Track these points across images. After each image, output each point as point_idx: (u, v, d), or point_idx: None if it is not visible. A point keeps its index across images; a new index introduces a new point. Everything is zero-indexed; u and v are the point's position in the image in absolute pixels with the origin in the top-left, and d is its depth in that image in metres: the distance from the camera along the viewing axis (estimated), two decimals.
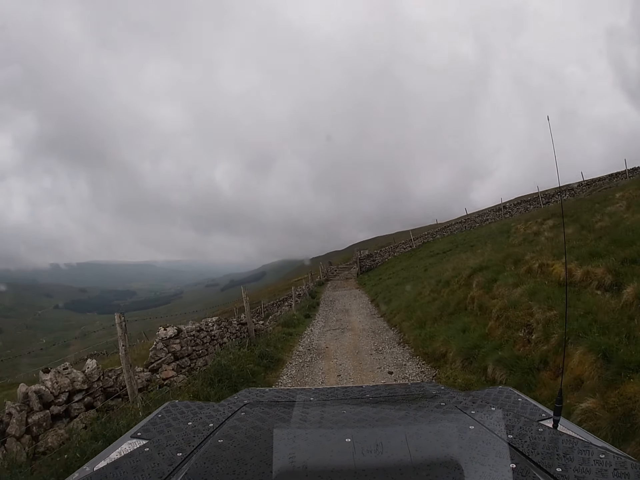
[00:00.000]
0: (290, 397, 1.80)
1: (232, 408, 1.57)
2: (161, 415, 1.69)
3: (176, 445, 1.18)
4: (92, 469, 1.21)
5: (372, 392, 1.85)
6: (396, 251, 36.34)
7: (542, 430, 1.20)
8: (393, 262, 33.49)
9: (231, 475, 0.96)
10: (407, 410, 1.50)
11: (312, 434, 1.25)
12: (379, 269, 34.09)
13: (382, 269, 32.69)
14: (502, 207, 33.61)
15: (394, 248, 36.50)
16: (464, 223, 35.20)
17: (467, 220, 35.19)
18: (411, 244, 36.11)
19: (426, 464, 0.98)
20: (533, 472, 0.94)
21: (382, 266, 34.59)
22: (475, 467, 0.95)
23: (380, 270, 32.72)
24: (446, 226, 36.12)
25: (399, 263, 31.48)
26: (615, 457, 1.02)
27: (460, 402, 1.51)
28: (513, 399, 1.73)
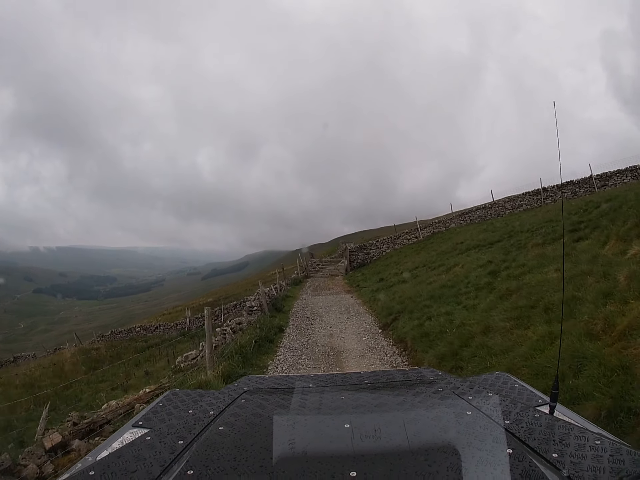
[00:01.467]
0: (289, 384, 1.84)
1: (232, 395, 1.55)
2: (162, 404, 1.67)
3: (177, 434, 1.16)
4: (94, 458, 1.19)
5: (370, 378, 1.86)
6: (397, 242, 27.49)
7: (539, 416, 1.19)
8: (395, 256, 24.63)
9: (232, 461, 0.96)
10: (405, 396, 1.49)
11: (312, 420, 1.25)
12: (375, 264, 25.15)
13: (381, 265, 23.74)
14: (541, 191, 24.91)
15: (394, 239, 27.59)
16: (488, 209, 26.55)
17: (493, 206, 26.48)
18: (417, 235, 27.30)
19: (424, 449, 0.98)
20: (529, 458, 0.93)
21: (379, 261, 25.66)
22: (473, 452, 0.94)
23: (378, 266, 23.76)
24: (463, 213, 27.37)
25: (405, 258, 22.49)
26: (611, 443, 1.00)
27: (458, 388, 1.49)
28: (510, 384, 1.71)
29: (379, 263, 24.82)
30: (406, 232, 27.67)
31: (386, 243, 27.39)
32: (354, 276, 23.48)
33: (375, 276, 20.49)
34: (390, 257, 24.86)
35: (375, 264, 25.13)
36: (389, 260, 24.04)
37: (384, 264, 23.58)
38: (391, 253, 26.27)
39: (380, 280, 18.97)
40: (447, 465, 0.90)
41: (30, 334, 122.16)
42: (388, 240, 27.48)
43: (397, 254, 25.17)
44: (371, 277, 21.18)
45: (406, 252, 24.68)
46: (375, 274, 21.32)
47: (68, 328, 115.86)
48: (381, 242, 27.46)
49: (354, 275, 24.08)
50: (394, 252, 25.99)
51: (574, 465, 0.91)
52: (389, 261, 23.78)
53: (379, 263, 24.82)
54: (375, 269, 23.03)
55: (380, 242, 27.50)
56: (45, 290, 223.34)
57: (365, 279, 20.73)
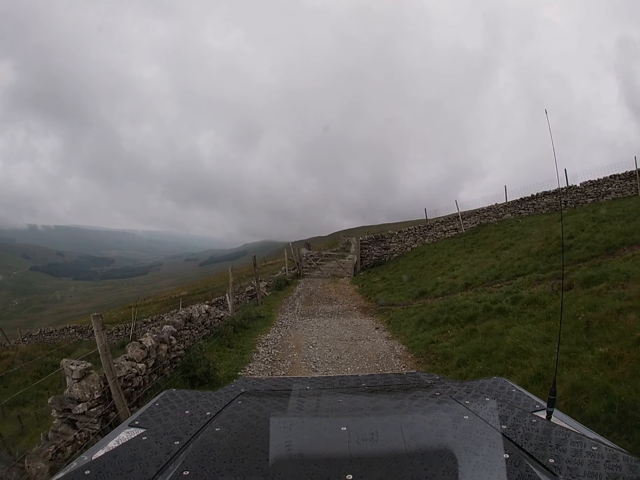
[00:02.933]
0: (286, 386, 1.82)
1: (229, 397, 1.52)
2: (158, 404, 1.63)
3: (173, 434, 1.14)
4: (90, 458, 1.16)
5: (367, 382, 1.82)
6: (428, 235, 19.31)
7: (536, 422, 1.16)
8: (429, 253, 16.43)
9: (228, 463, 0.94)
10: (403, 400, 1.47)
11: (308, 423, 1.24)
12: (398, 264, 17.00)
13: (410, 265, 15.52)
14: (636, 174, 16.76)
15: (424, 230, 19.37)
16: (563, 196, 18.47)
17: (568, 191, 18.37)
18: (457, 225, 19.17)
19: (421, 453, 0.96)
20: (526, 463, 0.91)
21: (404, 259, 17.51)
22: (469, 457, 0.93)
23: (404, 267, 15.54)
24: (523, 200, 19.23)
25: (450, 258, 14.35)
26: (608, 449, 0.99)
27: (455, 392, 1.46)
28: (507, 389, 1.67)
29: (405, 263, 16.67)
30: (441, 221, 19.48)
31: (412, 235, 19.22)
32: (369, 280, 15.37)
33: (407, 285, 12.38)
34: (422, 255, 16.69)
35: (399, 263, 16.98)
36: (421, 260, 15.88)
37: (415, 264, 15.42)
38: (421, 249, 18.12)
39: (420, 295, 10.85)
40: (443, 469, 0.88)
41: (24, 312, 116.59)
42: (415, 231, 19.30)
43: (431, 250, 17.01)
44: (398, 284, 13.06)
45: (445, 248, 16.55)
46: (405, 280, 13.21)
47: (62, 307, 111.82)
48: (405, 234, 19.26)
49: (368, 278, 15.97)
50: (426, 248, 17.84)
51: (571, 470, 0.90)
52: (421, 261, 15.62)
53: (405, 263, 16.67)
54: (401, 271, 14.89)
55: (403, 233, 19.30)
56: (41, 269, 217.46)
57: (390, 288, 12.62)
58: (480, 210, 19.61)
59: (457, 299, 8.65)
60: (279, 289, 13.94)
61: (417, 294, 11.03)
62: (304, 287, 15.12)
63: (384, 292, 12.18)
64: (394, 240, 19.18)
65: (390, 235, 19.26)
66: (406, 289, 12.01)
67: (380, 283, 13.84)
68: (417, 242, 19.19)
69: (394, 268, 16.27)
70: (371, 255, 18.95)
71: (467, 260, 13.28)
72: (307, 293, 13.69)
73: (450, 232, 19.23)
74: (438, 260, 14.48)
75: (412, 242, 19.22)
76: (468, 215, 19.59)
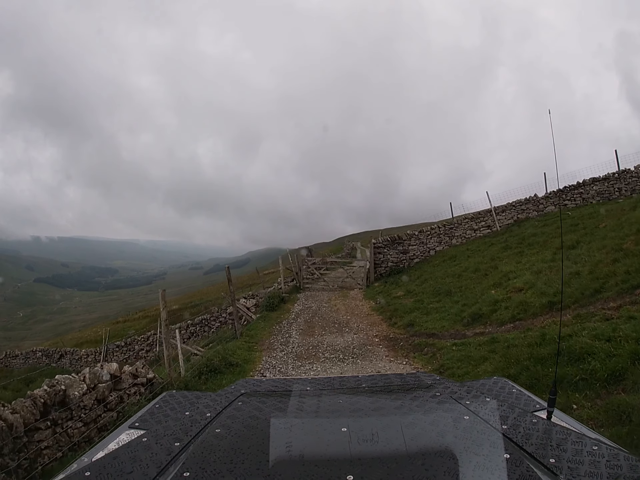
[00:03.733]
0: (286, 387, 1.78)
1: (229, 398, 1.49)
2: (159, 406, 1.61)
3: (174, 435, 1.12)
4: (90, 459, 1.14)
5: (368, 382, 1.80)
6: (455, 235, 15.64)
7: (536, 421, 1.15)
8: (461, 258, 12.79)
9: (228, 464, 0.93)
10: (403, 400, 1.46)
11: (309, 424, 1.22)
12: (423, 271, 13.26)
13: (440, 273, 11.79)
14: None
15: (450, 229, 15.71)
16: (613, 182, 14.89)
17: (622, 176, 14.79)
18: (490, 222, 15.53)
19: (421, 453, 0.96)
20: (527, 463, 0.90)
21: (429, 266, 13.79)
22: (470, 457, 0.92)
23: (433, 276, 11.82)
24: (572, 187, 15.63)
25: (495, 263, 10.76)
26: (608, 448, 0.98)
27: (455, 393, 1.44)
28: (507, 389, 1.64)
29: (432, 270, 12.99)
30: (470, 217, 15.82)
31: (436, 235, 15.52)
32: (387, 293, 11.72)
33: (445, 301, 8.77)
34: (453, 260, 13.02)
35: (423, 271, 13.30)
36: (453, 266, 12.21)
37: (446, 272, 11.74)
38: (449, 252, 14.46)
39: (474, 319, 7.26)
40: (444, 469, 0.87)
41: (28, 323, 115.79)
42: (439, 230, 15.62)
43: (463, 253, 13.37)
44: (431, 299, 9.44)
45: (482, 249, 12.91)
46: (440, 294, 9.57)
47: (67, 318, 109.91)
48: (427, 235, 15.56)
49: (386, 290, 12.30)
50: (455, 251, 14.19)
51: (571, 470, 0.89)
52: (454, 267, 11.94)
53: (432, 270, 12.99)
54: (430, 282, 11.23)
55: (425, 234, 15.61)
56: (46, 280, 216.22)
57: (422, 307, 8.96)
58: (516, 204, 15.98)
59: (549, 330, 5.00)
60: (271, 309, 10.32)
61: (468, 318, 7.41)
62: (304, 304, 11.49)
63: (415, 313, 8.54)
64: (413, 242, 15.50)
65: (408, 236, 15.60)
66: (446, 308, 8.37)
67: (406, 298, 10.20)
68: (442, 244, 15.52)
69: (418, 277, 12.58)
70: (387, 261, 15.27)
71: (522, 265, 9.63)
72: (307, 314, 10.06)
73: (482, 230, 15.59)
74: (480, 266, 10.82)
75: (435, 244, 15.55)
76: (502, 210, 15.98)
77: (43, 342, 38.45)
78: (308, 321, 9.31)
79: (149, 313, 34.54)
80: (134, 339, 17.68)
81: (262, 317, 9.50)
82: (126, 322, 33.60)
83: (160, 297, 5.44)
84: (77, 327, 59.49)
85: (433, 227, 15.74)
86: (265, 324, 9.01)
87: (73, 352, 19.39)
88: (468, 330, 7.12)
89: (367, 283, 14.40)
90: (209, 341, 10.19)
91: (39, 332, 77.02)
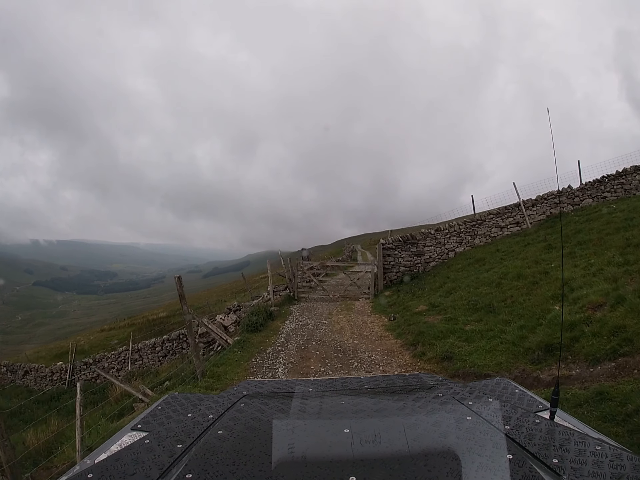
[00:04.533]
0: (289, 388, 1.74)
1: (231, 399, 1.47)
2: (161, 408, 1.56)
3: (176, 437, 1.12)
4: (92, 461, 1.12)
5: (370, 383, 1.76)
6: (478, 233, 13.20)
7: (539, 422, 1.14)
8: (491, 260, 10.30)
9: (231, 466, 0.92)
10: (405, 401, 1.43)
11: (311, 425, 1.20)
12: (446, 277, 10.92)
13: (467, 281, 9.47)
14: None
15: (473, 226, 13.26)
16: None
17: None
18: (519, 218, 13.12)
19: (424, 454, 0.94)
20: (529, 463, 0.89)
21: (449, 272, 11.41)
22: (473, 458, 0.91)
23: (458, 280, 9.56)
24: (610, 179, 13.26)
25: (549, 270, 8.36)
26: (611, 448, 0.96)
27: (458, 393, 1.42)
28: (510, 390, 1.59)
29: (456, 276, 10.50)
30: (495, 213, 13.35)
31: (456, 234, 13.05)
32: (403, 306, 9.26)
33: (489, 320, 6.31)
34: (481, 264, 10.55)
35: (446, 277, 10.82)
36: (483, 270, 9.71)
37: (477, 278, 9.24)
38: (474, 254, 11.99)
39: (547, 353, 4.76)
40: (447, 470, 0.86)
41: (27, 327, 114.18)
42: (459, 229, 13.14)
43: (493, 255, 10.91)
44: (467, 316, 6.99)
45: (516, 251, 10.47)
46: (479, 310, 7.11)
47: (66, 322, 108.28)
48: (445, 234, 13.07)
49: (401, 301, 9.85)
50: (482, 252, 11.72)
51: (575, 470, 0.88)
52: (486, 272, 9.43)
53: (456, 276, 10.50)
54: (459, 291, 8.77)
55: (442, 232, 13.12)
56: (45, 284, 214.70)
57: (459, 330, 6.48)
58: (548, 196, 13.57)
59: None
60: (254, 330, 7.82)
61: (537, 350, 4.94)
62: (298, 320, 9.00)
63: (451, 339, 6.07)
64: (429, 242, 13.01)
65: (423, 235, 13.11)
66: (495, 332, 5.90)
67: (431, 315, 7.74)
68: (463, 244, 13.06)
69: (440, 285, 10.09)
70: (398, 264, 12.77)
71: (584, 270, 7.18)
72: (301, 336, 7.59)
73: (510, 227, 13.14)
74: (523, 272, 8.35)
75: (455, 245, 13.08)
76: (531, 204, 13.57)
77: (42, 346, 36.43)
78: (302, 347, 6.84)
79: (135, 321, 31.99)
80: (103, 356, 15.19)
81: (240, 343, 7.03)
82: (111, 331, 31.06)
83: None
84: (76, 330, 58.24)
85: (452, 224, 13.26)
86: (243, 353, 6.53)
87: (38, 369, 16.91)
88: (542, 370, 4.68)
89: (375, 291, 11.91)
90: (166, 377, 7.72)
91: (38, 336, 76.63)
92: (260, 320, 8.09)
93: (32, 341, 64.13)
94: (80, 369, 15.44)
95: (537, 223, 13.09)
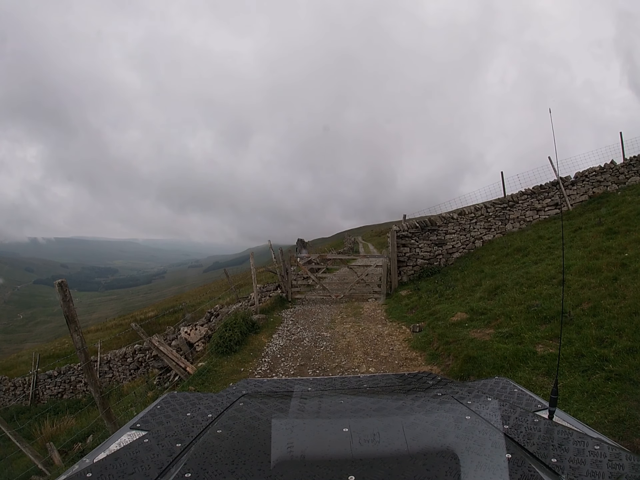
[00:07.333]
0: (288, 388, 1.74)
1: (230, 399, 1.45)
2: (160, 407, 1.55)
3: (175, 436, 1.10)
4: (91, 460, 1.11)
5: (369, 383, 1.75)
6: (510, 218, 10.95)
7: (538, 421, 1.12)
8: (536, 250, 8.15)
9: (230, 465, 0.91)
10: (404, 401, 1.39)
11: (310, 424, 1.18)
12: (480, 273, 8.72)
13: (512, 277, 7.35)
14: None
15: (504, 209, 11.00)
16: None
17: None
18: (558, 199, 10.86)
19: (423, 454, 0.94)
20: (528, 463, 0.88)
21: (481, 265, 9.18)
22: (471, 457, 0.90)
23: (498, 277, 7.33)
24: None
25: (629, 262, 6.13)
26: (610, 448, 0.95)
27: (457, 393, 1.40)
28: (509, 389, 1.57)
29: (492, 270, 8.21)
30: (529, 193, 11.04)
31: (483, 219, 10.76)
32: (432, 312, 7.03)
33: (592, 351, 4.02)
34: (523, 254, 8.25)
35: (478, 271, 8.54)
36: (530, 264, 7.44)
37: (526, 273, 6.96)
38: (508, 242, 9.69)
39: None
40: (445, 469, 0.86)
41: (29, 325, 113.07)
42: (486, 213, 10.84)
43: (538, 244, 8.63)
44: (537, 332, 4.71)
45: (565, 237, 8.23)
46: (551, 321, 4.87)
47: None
48: (471, 218, 10.79)
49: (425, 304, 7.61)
50: (520, 240, 9.41)
51: (573, 470, 0.87)
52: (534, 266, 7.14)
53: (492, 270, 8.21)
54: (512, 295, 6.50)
55: (466, 216, 10.83)
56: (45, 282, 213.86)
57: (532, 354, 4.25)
58: (589, 173, 11.25)
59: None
60: (226, 352, 5.49)
61: None
62: (291, 334, 6.73)
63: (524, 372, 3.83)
64: (451, 228, 10.70)
65: (444, 220, 10.78)
66: (590, 359, 3.68)
67: (478, 328, 5.46)
68: (492, 231, 10.77)
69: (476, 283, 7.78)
70: (415, 256, 10.46)
71: None
72: (292, 361, 5.31)
73: (548, 209, 10.84)
74: (590, 265, 6.08)
75: (483, 231, 10.78)
76: (570, 183, 11.27)
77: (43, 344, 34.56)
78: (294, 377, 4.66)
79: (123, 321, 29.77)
80: (69, 367, 12.97)
81: (202, 374, 4.76)
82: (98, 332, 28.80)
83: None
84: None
85: (478, 207, 10.95)
86: (211, 386, 4.31)
87: (1, 382, 14.73)
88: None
89: (388, 290, 9.66)
90: (88, 431, 5.51)
91: (39, 334, 75.89)
92: (237, 335, 5.77)
93: (35, 339, 63.37)
94: (44, 382, 13.27)
95: (579, 204, 10.82)
